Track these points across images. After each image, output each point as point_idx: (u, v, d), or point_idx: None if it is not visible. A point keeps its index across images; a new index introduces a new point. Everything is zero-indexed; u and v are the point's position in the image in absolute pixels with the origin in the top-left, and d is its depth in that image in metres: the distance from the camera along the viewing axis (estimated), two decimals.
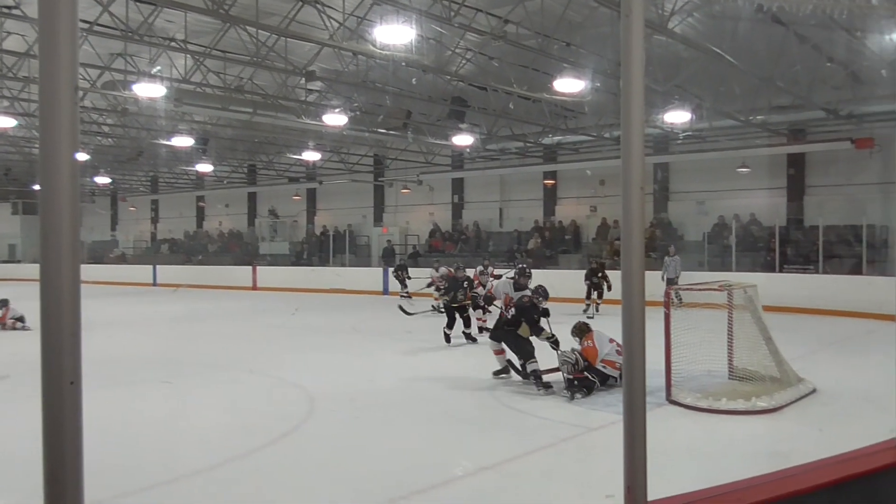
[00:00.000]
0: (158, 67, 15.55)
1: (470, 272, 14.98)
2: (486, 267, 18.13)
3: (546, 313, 9.17)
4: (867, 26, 13.26)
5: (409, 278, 22.01)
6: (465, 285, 13.08)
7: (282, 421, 7.37)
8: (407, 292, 21.45)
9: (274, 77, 17.86)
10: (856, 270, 17.98)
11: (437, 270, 17.27)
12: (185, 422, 7.61)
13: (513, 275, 11.57)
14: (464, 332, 12.76)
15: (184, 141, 22.58)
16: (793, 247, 20.23)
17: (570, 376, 8.46)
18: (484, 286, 15.06)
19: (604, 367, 8.69)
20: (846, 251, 19.06)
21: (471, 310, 12.97)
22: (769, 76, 15.78)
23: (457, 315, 12.85)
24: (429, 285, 17.78)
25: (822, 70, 16.41)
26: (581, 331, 9.21)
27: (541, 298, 9.24)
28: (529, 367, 8.81)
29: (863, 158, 19.58)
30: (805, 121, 20.16)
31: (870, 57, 15.33)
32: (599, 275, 17.13)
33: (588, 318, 14.64)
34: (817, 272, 18.66)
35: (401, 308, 15.66)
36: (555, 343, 8.92)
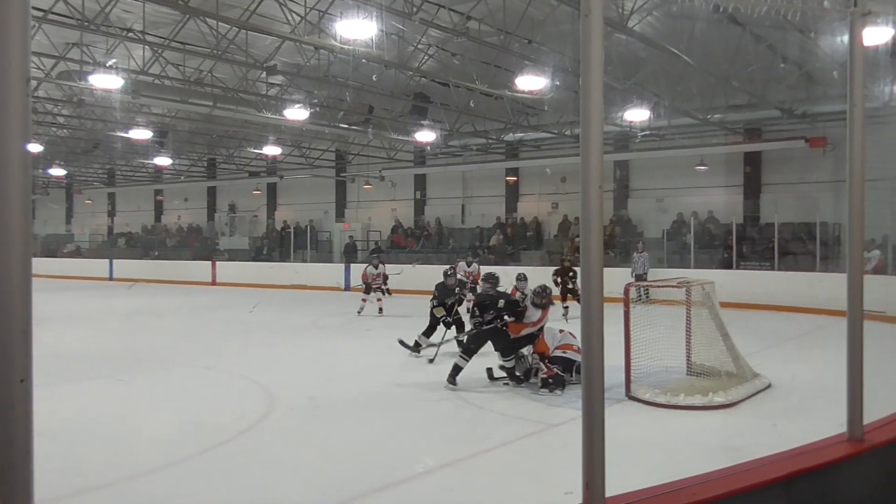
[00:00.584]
0: (114, 60, 15.25)
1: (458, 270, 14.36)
2: (469, 264, 16.82)
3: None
4: (820, 28, 13.54)
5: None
6: (458, 292, 11.62)
7: (239, 419, 7.29)
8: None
9: (234, 70, 17.67)
10: (810, 267, 18.35)
11: (468, 266, 16.51)
12: (138, 419, 7.50)
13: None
14: (457, 339, 10.52)
15: (142, 133, 22.21)
16: (749, 244, 20.57)
17: (545, 376, 8.51)
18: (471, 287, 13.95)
19: (563, 352, 8.74)
20: (801, 248, 19.46)
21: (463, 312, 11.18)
22: (726, 75, 16.04)
23: (440, 324, 11.22)
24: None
25: (777, 70, 16.72)
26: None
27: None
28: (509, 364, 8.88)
29: (816, 157, 19.99)
30: (761, 120, 20.52)
31: (822, 58, 15.66)
32: (571, 275, 15.65)
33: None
34: (773, 269, 19.01)
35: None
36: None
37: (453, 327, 11.29)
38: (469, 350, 8.92)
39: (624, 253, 21.34)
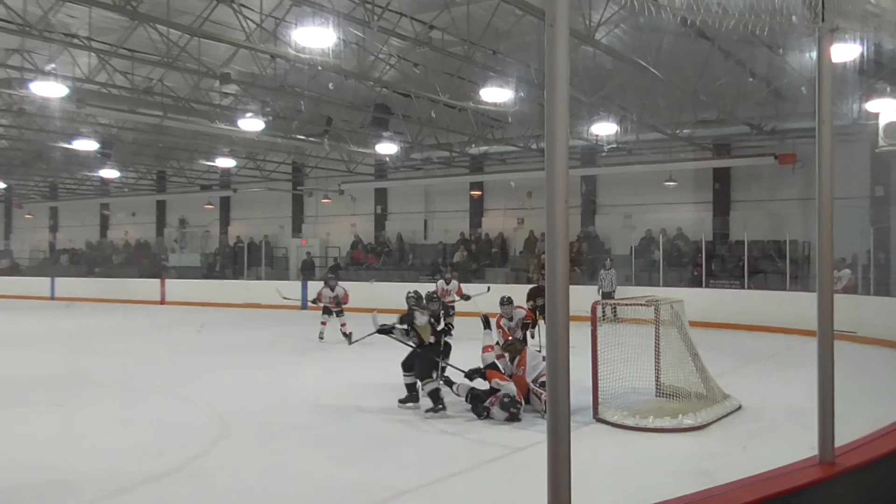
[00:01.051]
0: (53, 65, 14.97)
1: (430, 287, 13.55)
2: (448, 281, 16.05)
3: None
4: (788, 44, 13.85)
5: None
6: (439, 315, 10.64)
7: (188, 445, 7.18)
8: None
9: (186, 79, 17.51)
10: (780, 286, 18.66)
11: (447, 283, 15.84)
12: (80, 447, 7.32)
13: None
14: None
15: (86, 144, 21.86)
16: (719, 262, 20.87)
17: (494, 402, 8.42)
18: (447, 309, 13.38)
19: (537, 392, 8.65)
20: (770, 267, 19.79)
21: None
22: (694, 90, 16.31)
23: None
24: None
25: (746, 85, 17.05)
26: (515, 350, 9.25)
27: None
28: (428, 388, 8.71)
29: (786, 174, 20.38)
30: (729, 136, 20.91)
31: (791, 74, 16.00)
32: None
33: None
34: (743, 287, 19.29)
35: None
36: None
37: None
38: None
39: (591, 270, 21.51)
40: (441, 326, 9.79)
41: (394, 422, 8.27)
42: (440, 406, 8.53)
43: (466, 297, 15.22)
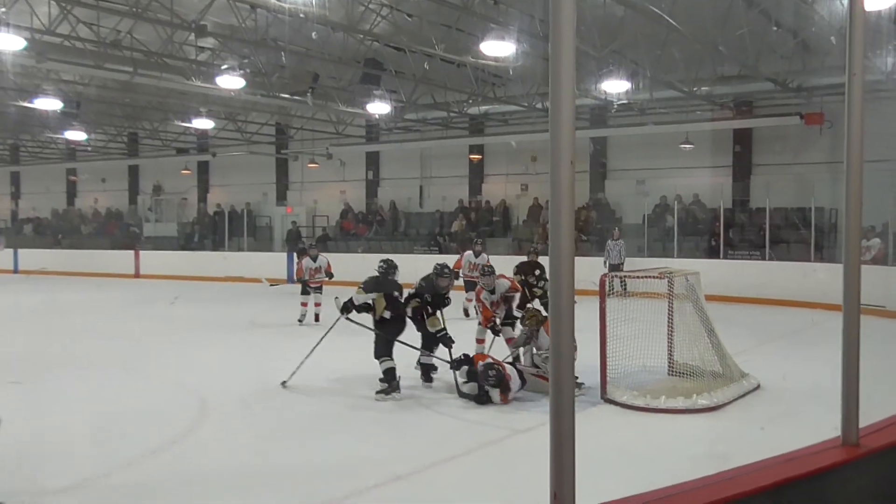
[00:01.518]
0: (3, 9, 14.74)
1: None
2: (477, 254, 15.61)
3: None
4: None
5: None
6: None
7: (165, 427, 7.25)
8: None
9: (158, 31, 17.35)
10: (804, 257, 18.69)
11: (476, 256, 15.35)
12: (49, 430, 7.36)
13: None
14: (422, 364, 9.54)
15: (50, 104, 21.72)
16: (738, 231, 20.89)
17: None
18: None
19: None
20: (794, 236, 19.81)
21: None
22: (713, 42, 16.18)
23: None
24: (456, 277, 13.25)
25: (770, 37, 16.90)
26: (537, 322, 9.02)
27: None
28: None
29: (812, 135, 20.32)
30: (752, 93, 20.76)
31: (819, 24, 15.86)
32: (537, 272, 13.62)
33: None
34: (764, 259, 19.33)
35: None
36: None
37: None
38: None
39: (600, 240, 21.52)
40: (413, 303, 9.27)
41: (385, 404, 8.31)
42: (393, 390, 8.50)
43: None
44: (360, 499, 5.48)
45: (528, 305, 11.51)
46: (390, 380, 8.53)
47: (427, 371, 9.21)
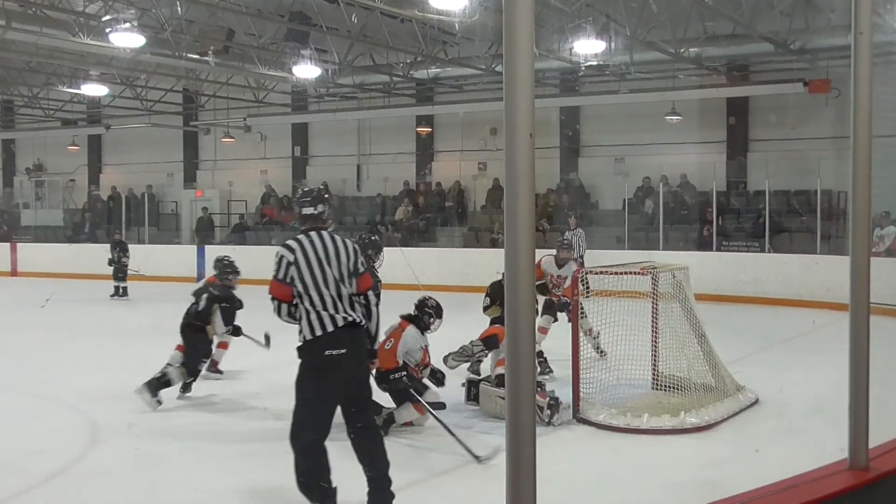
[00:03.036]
0: None
1: None
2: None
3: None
4: None
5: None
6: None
7: (43, 457, 7.20)
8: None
9: None
10: (810, 248, 18.95)
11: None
12: None
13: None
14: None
15: None
16: (733, 218, 21.12)
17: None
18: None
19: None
20: (798, 224, 20.07)
21: None
22: None
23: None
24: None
25: None
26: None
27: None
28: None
29: (818, 105, 20.59)
30: (748, 56, 20.98)
31: None
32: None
33: None
34: (763, 251, 19.56)
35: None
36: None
37: None
38: None
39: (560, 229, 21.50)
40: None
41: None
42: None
43: None
44: None
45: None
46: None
47: None
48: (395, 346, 7.95)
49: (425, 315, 8.33)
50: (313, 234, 5.76)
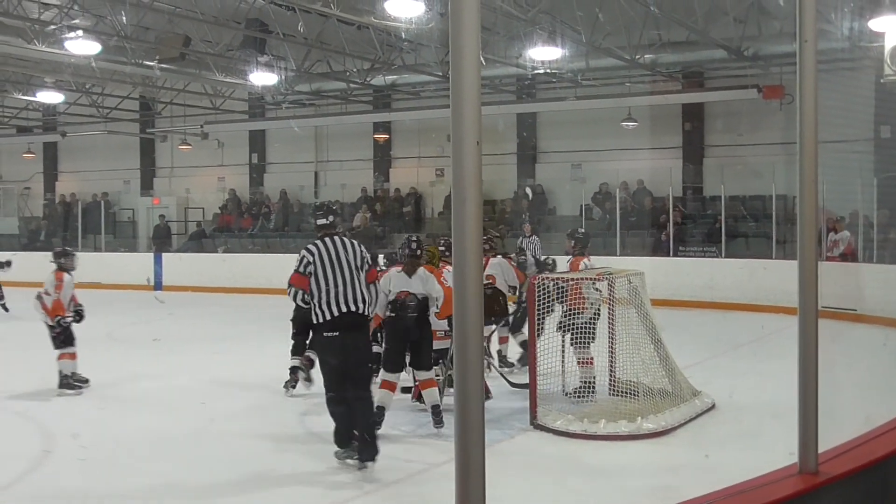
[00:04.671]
0: None
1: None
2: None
3: None
4: None
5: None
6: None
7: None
8: None
9: None
10: (765, 253, 19.12)
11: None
12: None
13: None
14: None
15: None
16: (689, 223, 21.26)
17: None
18: None
19: None
20: (754, 229, 20.24)
21: None
22: (658, 1, 16.40)
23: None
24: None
25: None
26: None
27: None
28: None
29: (772, 111, 20.79)
30: (702, 62, 21.14)
31: None
32: None
33: None
34: (719, 256, 19.70)
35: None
36: None
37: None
38: None
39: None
40: None
41: (268, 435, 8.20)
42: None
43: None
44: None
45: None
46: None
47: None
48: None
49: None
50: (328, 238, 7.23)
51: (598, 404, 8.70)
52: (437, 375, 8.40)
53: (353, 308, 7.00)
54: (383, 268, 9.53)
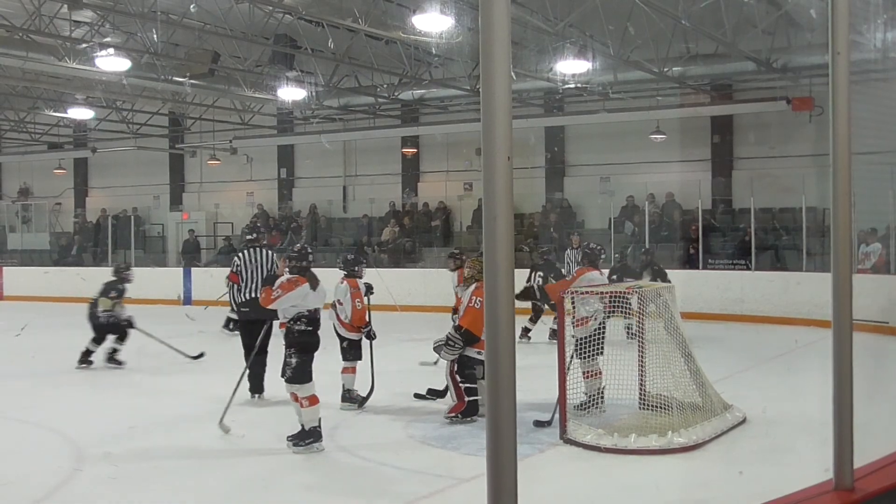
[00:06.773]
0: None
1: None
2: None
3: None
4: None
5: None
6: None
7: (19, 485, 7.14)
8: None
9: (23, 2, 17.05)
10: (796, 266, 18.98)
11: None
12: None
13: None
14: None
15: None
16: (719, 236, 21.15)
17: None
18: None
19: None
20: (784, 242, 20.10)
21: None
22: (686, 15, 16.36)
23: None
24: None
25: (750, 8, 17.17)
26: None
27: None
28: None
29: (801, 123, 20.69)
30: (731, 74, 21.07)
31: None
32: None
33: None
34: (749, 268, 19.58)
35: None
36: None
37: None
38: None
39: (561, 248, 21.52)
40: None
41: (287, 449, 8.21)
42: None
43: None
44: None
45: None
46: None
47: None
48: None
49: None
50: (251, 249, 10.93)
51: (628, 418, 8.66)
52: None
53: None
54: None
